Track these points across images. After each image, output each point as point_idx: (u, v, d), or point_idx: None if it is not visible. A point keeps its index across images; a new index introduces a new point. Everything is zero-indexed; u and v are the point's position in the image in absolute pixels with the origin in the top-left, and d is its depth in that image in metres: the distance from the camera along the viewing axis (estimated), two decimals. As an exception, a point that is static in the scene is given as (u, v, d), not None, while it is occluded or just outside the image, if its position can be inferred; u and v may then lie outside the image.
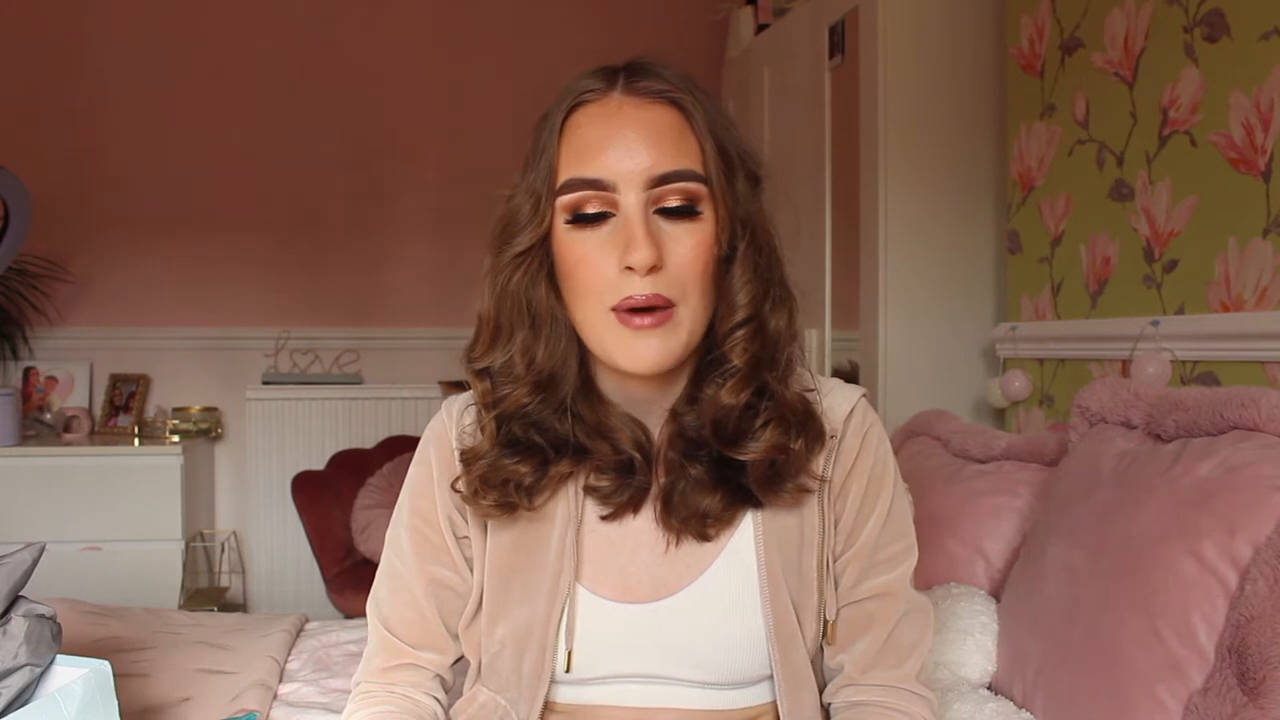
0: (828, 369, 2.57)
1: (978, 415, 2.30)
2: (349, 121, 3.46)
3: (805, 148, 2.66)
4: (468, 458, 0.91)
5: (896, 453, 1.91)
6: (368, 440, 3.33)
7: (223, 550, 3.36)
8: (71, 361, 3.38)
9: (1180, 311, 1.71)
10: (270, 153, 3.43)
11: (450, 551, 0.96)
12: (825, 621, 0.91)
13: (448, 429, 0.96)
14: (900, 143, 2.30)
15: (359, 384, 3.44)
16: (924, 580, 1.53)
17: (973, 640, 1.33)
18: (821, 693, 0.95)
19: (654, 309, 0.82)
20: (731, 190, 0.86)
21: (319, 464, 3.21)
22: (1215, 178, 1.62)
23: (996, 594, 1.44)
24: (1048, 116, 2.05)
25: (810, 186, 2.63)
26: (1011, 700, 1.27)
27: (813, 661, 0.93)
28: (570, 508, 0.92)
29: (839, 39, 2.48)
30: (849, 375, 2.47)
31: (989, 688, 1.34)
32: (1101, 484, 1.25)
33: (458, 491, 0.92)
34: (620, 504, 0.90)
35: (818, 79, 2.58)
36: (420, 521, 0.97)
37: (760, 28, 3.07)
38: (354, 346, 3.51)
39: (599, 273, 0.83)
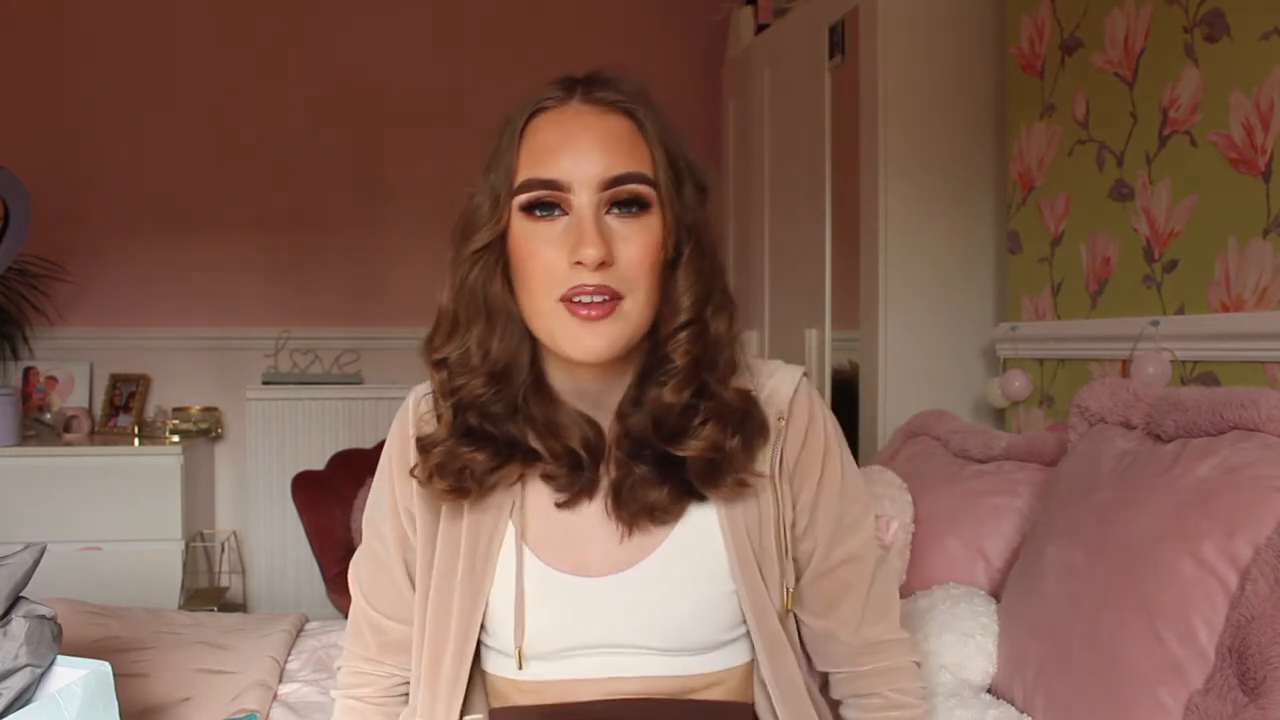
0: (827, 369, 2.57)
1: (978, 415, 2.30)
2: (349, 121, 3.46)
3: (805, 148, 2.66)
4: (424, 444, 0.95)
5: (896, 453, 1.92)
6: (368, 440, 3.32)
7: (223, 550, 3.36)
8: (71, 361, 3.37)
9: (1180, 311, 1.71)
10: (270, 153, 3.43)
11: (411, 540, 1.01)
12: (786, 591, 0.96)
13: (406, 418, 1.01)
14: (900, 143, 2.29)
15: (359, 384, 3.44)
16: (924, 580, 1.53)
17: (974, 642, 1.33)
18: (807, 658, 1.00)
19: (602, 301, 0.86)
20: (679, 197, 0.90)
21: (319, 464, 3.21)
22: (1215, 178, 1.62)
23: (996, 594, 1.44)
24: (1048, 116, 2.05)
25: (810, 186, 2.63)
26: (1012, 704, 1.27)
27: (784, 625, 0.96)
28: (513, 495, 0.95)
29: (839, 39, 2.48)
30: (849, 375, 2.47)
31: (989, 690, 1.34)
32: (1101, 484, 1.25)
33: (414, 477, 0.96)
34: (574, 494, 0.94)
35: (818, 79, 2.58)
36: (383, 513, 1.03)
37: (760, 28, 3.07)
38: (354, 346, 3.51)
39: (550, 267, 0.87)
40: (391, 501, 1.01)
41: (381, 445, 3.38)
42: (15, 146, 3.15)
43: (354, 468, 3.11)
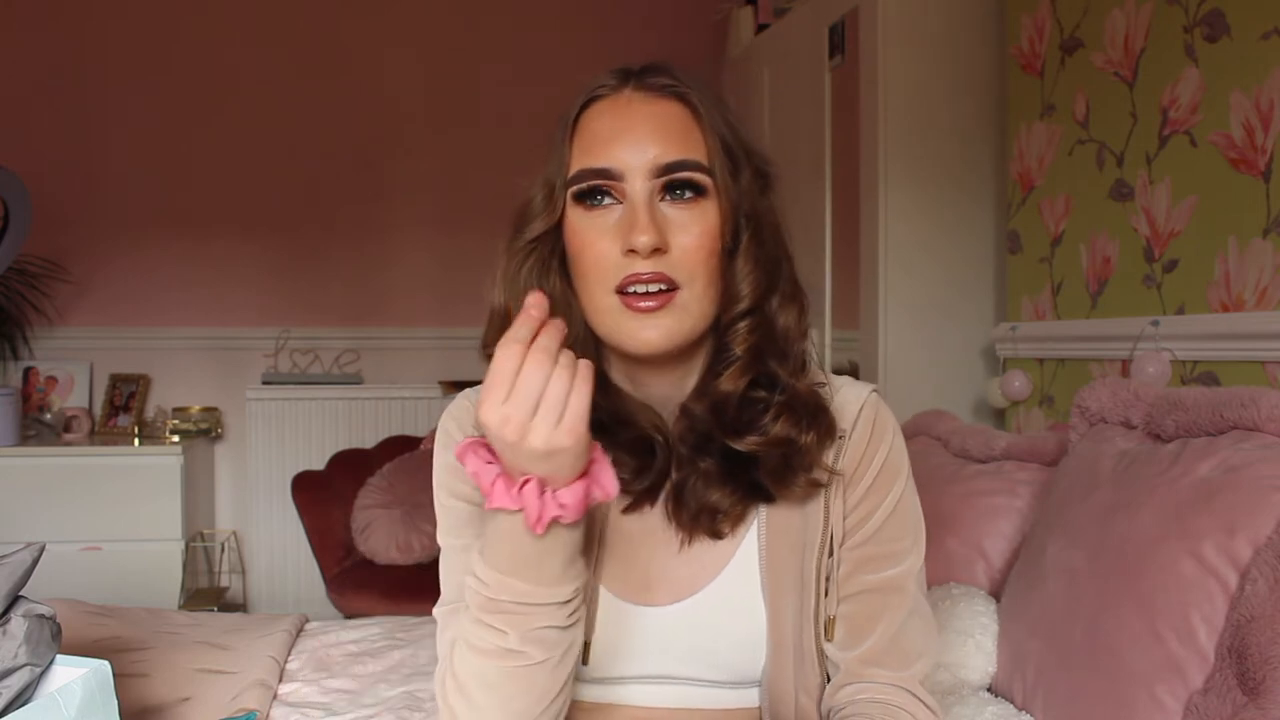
0: (827, 369, 2.57)
1: (978, 415, 2.30)
2: (349, 122, 3.46)
3: (805, 148, 2.66)
4: None
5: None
6: (368, 440, 3.33)
7: (223, 550, 3.36)
8: (71, 361, 3.38)
9: (1180, 311, 1.71)
10: (270, 153, 3.43)
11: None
12: (828, 619, 0.90)
13: (462, 420, 0.94)
14: (900, 143, 2.30)
15: (359, 384, 3.44)
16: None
17: (973, 641, 1.33)
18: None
19: (658, 291, 0.83)
20: (735, 184, 0.87)
21: (319, 464, 3.21)
22: (1215, 178, 1.62)
23: (996, 594, 1.44)
24: (1048, 116, 2.05)
25: (810, 186, 2.63)
26: (1011, 702, 1.27)
27: (804, 664, 0.91)
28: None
29: (839, 39, 2.48)
30: (849, 375, 2.47)
31: (989, 689, 1.34)
32: (1101, 484, 1.25)
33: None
34: (640, 492, 0.90)
35: (818, 79, 2.58)
36: (460, 502, 0.93)
37: (760, 28, 3.07)
38: (354, 346, 3.51)
39: (604, 256, 0.84)
40: (466, 489, 0.92)
41: (382, 445, 3.31)
42: (16, 146, 3.15)
43: (354, 468, 3.11)
